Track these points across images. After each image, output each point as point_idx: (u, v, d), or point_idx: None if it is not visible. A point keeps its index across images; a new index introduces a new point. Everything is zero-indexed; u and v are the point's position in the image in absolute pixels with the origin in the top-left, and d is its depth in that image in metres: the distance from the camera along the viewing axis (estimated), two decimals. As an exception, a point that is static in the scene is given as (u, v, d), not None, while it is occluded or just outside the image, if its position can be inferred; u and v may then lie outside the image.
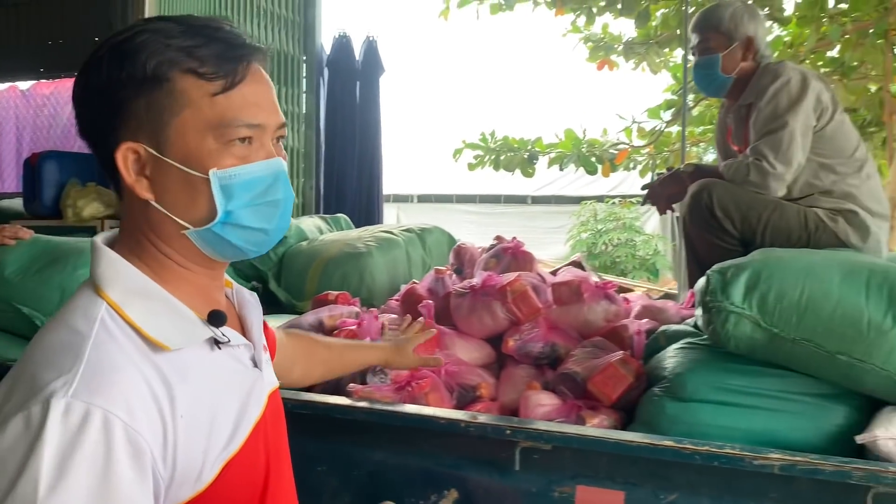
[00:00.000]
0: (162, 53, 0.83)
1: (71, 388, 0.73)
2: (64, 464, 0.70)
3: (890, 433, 1.39)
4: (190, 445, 0.81)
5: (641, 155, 7.17)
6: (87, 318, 0.81)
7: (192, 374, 0.84)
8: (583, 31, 7.15)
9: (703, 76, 2.48)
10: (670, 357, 1.70)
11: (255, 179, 0.88)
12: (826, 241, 2.13)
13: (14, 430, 0.72)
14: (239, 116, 0.85)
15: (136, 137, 0.85)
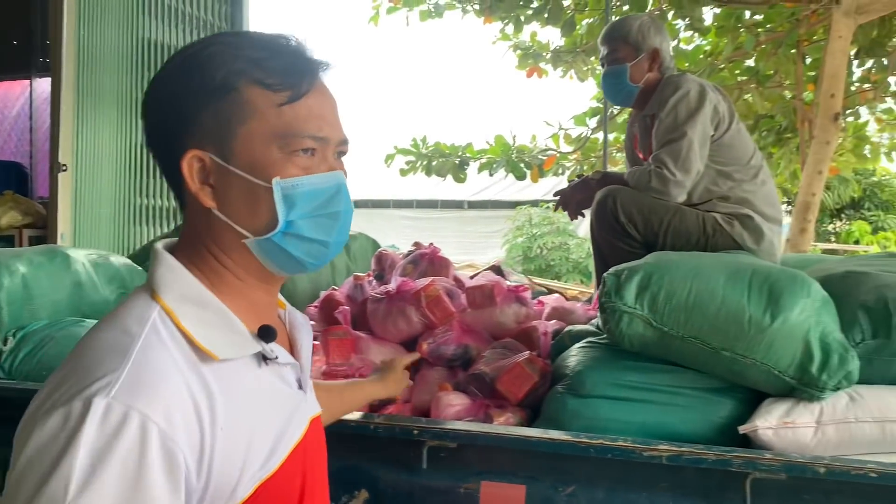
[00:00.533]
0: (231, 64, 0.85)
1: (113, 390, 0.72)
2: (96, 465, 0.70)
3: (768, 423, 1.50)
4: (227, 460, 0.80)
5: (569, 161, 7.33)
6: (139, 320, 0.81)
7: (237, 387, 0.84)
8: (512, 39, 7.28)
9: (611, 85, 2.57)
10: (573, 356, 1.78)
11: (316, 190, 0.88)
12: (723, 243, 2.25)
13: (53, 424, 0.72)
14: (304, 128, 0.86)
15: (203, 146, 0.86)
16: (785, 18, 6.64)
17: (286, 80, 0.86)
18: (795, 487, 1.35)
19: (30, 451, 0.71)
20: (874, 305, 1.62)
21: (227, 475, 0.80)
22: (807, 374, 1.52)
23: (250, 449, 0.83)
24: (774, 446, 1.48)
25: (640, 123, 2.56)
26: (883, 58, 6.58)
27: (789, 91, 7.19)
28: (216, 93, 0.85)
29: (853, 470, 1.30)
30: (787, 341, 1.54)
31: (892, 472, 1.28)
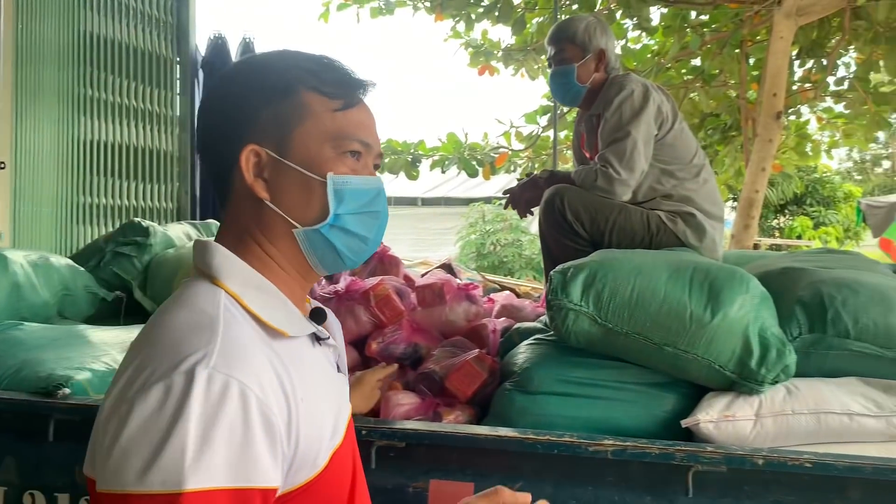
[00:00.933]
0: (291, 71, 0.94)
1: (211, 361, 0.76)
2: (207, 432, 0.73)
3: (709, 417, 1.53)
4: (309, 429, 0.85)
5: (520, 158, 7.39)
6: (211, 302, 0.86)
7: (303, 363, 0.90)
8: (463, 37, 7.29)
9: (559, 85, 2.59)
10: (521, 353, 1.80)
11: (362, 190, 0.96)
12: (667, 241, 2.30)
13: (155, 398, 0.75)
14: (355, 132, 0.95)
15: (260, 142, 0.93)
16: (729, 19, 6.79)
17: (340, 91, 0.95)
18: (736, 479, 1.39)
19: (133, 425, 0.74)
20: (810, 301, 1.68)
21: (311, 443, 0.86)
22: (746, 369, 1.56)
23: (323, 420, 0.90)
24: (715, 439, 1.52)
25: (586, 123, 2.60)
26: (822, 58, 6.78)
27: (734, 90, 7.35)
28: (277, 95, 0.93)
29: (790, 461, 1.34)
30: (727, 336, 1.58)
31: (827, 462, 1.32)
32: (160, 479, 0.72)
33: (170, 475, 0.72)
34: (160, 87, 4.61)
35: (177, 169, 4.73)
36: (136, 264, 2.75)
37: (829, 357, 1.63)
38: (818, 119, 8.03)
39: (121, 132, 4.27)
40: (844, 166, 26.00)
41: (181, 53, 4.84)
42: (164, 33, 4.68)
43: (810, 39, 6.64)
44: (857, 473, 1.32)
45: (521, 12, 6.77)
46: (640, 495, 1.44)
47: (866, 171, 27.64)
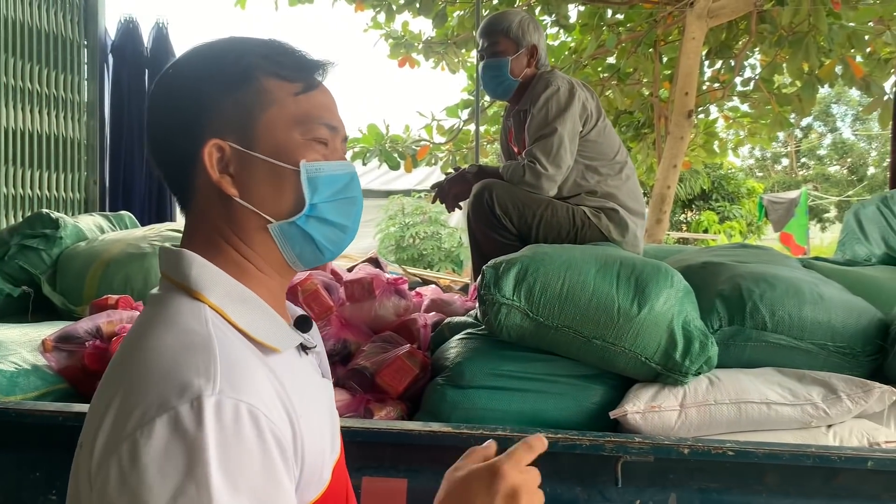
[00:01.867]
0: (246, 57, 0.88)
1: (216, 386, 0.70)
2: (227, 463, 0.68)
3: (636, 408, 1.58)
4: (312, 445, 0.81)
5: (442, 151, 7.41)
6: (197, 319, 0.79)
7: (294, 378, 0.84)
8: (384, 28, 7.24)
9: (491, 78, 2.58)
10: (452, 347, 1.80)
11: (336, 176, 0.91)
12: (591, 236, 2.35)
13: (161, 435, 0.68)
14: (321, 115, 0.90)
15: (223, 135, 0.86)
16: (644, 19, 6.99)
17: (299, 74, 0.90)
18: (662, 468, 1.43)
19: (142, 465, 0.67)
20: (730, 294, 1.74)
21: (315, 459, 0.82)
22: (671, 360, 1.61)
23: (322, 434, 0.86)
24: (642, 430, 1.56)
25: (514, 118, 2.62)
26: (730, 59, 7.07)
27: (647, 88, 7.58)
28: (235, 83, 0.87)
29: (714, 449, 1.39)
30: (653, 329, 1.63)
31: (748, 450, 1.38)
32: None
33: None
34: (66, 71, 4.37)
35: (84, 157, 4.50)
36: (45, 258, 2.60)
37: (748, 348, 1.70)
38: (725, 118, 8.37)
39: (23, 118, 4.03)
40: (747, 163, 27.26)
41: (89, 37, 4.60)
42: (70, 15, 4.43)
43: (719, 41, 6.91)
44: (775, 460, 1.38)
45: (442, 5, 6.78)
46: (571, 487, 1.47)
47: (767, 168, 29.06)
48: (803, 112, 6.82)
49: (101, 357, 1.83)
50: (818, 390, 1.56)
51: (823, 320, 1.69)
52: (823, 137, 28.90)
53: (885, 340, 1.71)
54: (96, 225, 3.00)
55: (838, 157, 28.35)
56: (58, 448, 1.50)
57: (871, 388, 1.54)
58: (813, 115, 18.94)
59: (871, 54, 6.36)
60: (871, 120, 24.53)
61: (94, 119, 4.55)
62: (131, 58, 4.73)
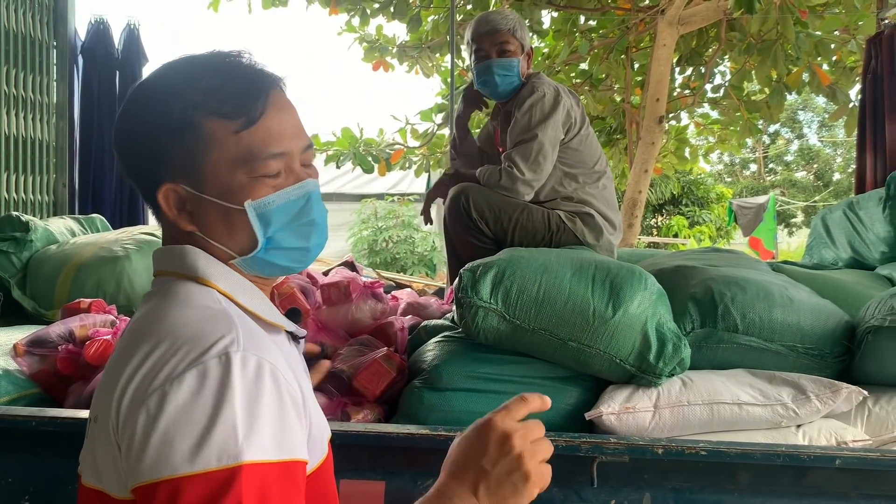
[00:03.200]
0: (187, 97, 0.88)
1: (241, 343, 0.78)
2: (252, 410, 0.75)
3: (611, 409, 1.60)
4: (314, 415, 0.88)
5: (416, 155, 7.41)
6: (210, 299, 0.86)
7: (292, 357, 0.93)
8: (358, 32, 7.24)
9: (501, 77, 2.50)
10: (429, 350, 1.81)
11: (288, 204, 0.92)
12: (566, 239, 2.37)
13: (189, 385, 0.75)
14: (265, 148, 0.89)
15: (174, 178, 0.89)
16: (616, 25, 7.07)
17: (240, 106, 0.88)
18: (637, 468, 1.45)
19: (171, 412, 0.74)
20: (702, 297, 1.77)
21: (319, 427, 0.90)
22: (645, 362, 1.63)
23: (317, 410, 0.92)
24: (617, 430, 1.58)
25: (502, 118, 2.59)
26: (701, 66, 7.18)
27: (619, 94, 7.67)
28: (177, 129, 0.88)
29: (687, 449, 1.41)
30: (628, 331, 1.65)
31: (721, 450, 1.40)
32: (215, 456, 0.72)
33: (225, 451, 0.72)
34: (34, 72, 4.30)
35: (53, 160, 4.44)
36: (15, 261, 2.57)
37: (720, 350, 1.73)
38: (696, 125, 8.49)
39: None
40: (716, 169, 27.63)
41: (58, 37, 4.54)
42: (39, 15, 4.37)
43: (690, 48, 7.02)
44: (747, 459, 1.41)
45: (416, 9, 6.79)
46: (547, 487, 1.48)
47: (736, 173, 29.48)
48: (772, 119, 6.95)
49: (73, 361, 1.81)
50: (788, 391, 1.59)
51: (793, 323, 1.73)
52: (790, 143, 29.41)
53: (851, 342, 1.75)
54: (67, 228, 2.96)
55: (805, 162, 28.85)
56: (31, 454, 1.48)
57: (838, 388, 1.58)
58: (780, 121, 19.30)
59: (837, 62, 6.50)
60: (836, 127, 25.01)
61: (64, 121, 4.49)
62: (102, 59, 4.68)
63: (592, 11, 6.86)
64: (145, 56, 4.85)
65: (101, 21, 4.76)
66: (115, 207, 4.60)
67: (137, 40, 4.83)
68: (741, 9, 4.57)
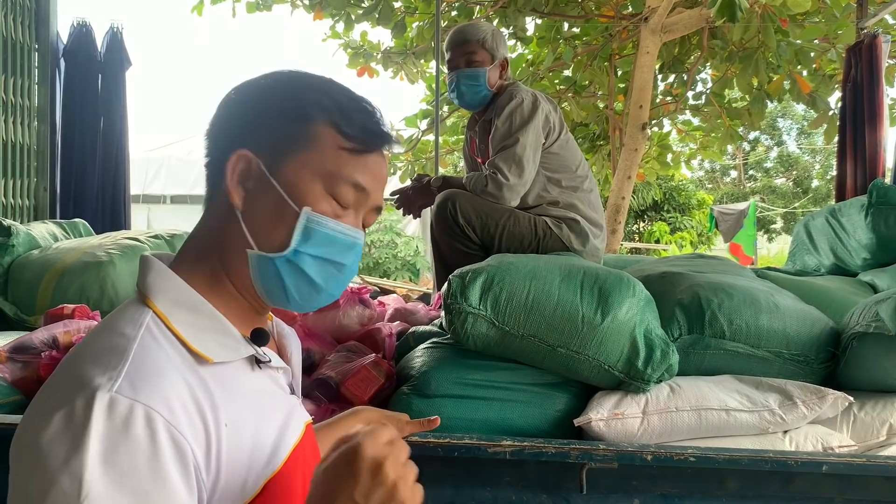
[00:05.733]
0: (320, 99, 0.90)
1: (115, 385, 0.72)
2: (108, 460, 0.69)
3: (600, 415, 1.60)
4: (234, 457, 0.80)
5: (401, 161, 7.41)
6: (132, 323, 0.81)
7: (235, 388, 0.85)
8: (342, 37, 7.23)
9: (469, 87, 2.57)
10: (418, 357, 1.80)
11: (335, 236, 0.90)
12: (553, 245, 2.38)
13: (56, 425, 0.70)
14: (354, 176, 0.90)
15: (256, 151, 0.89)
16: (599, 33, 7.13)
17: (360, 135, 0.90)
18: (625, 474, 1.46)
19: (31, 455, 0.70)
20: (689, 303, 1.78)
21: (236, 472, 0.81)
22: (633, 368, 1.64)
23: (255, 447, 0.85)
24: (605, 436, 1.59)
25: (479, 127, 2.64)
26: (683, 73, 7.25)
27: (602, 101, 7.72)
28: (294, 115, 0.89)
29: (676, 455, 1.42)
30: (616, 338, 1.65)
31: (709, 456, 1.41)
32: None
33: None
34: (16, 75, 4.26)
35: (35, 163, 4.39)
36: (-5, 266, 2.53)
37: (707, 356, 1.74)
38: (678, 131, 8.56)
39: (-30, 122, 3.92)
40: (697, 175, 27.87)
41: (40, 40, 4.50)
42: (20, 17, 4.33)
43: (672, 55, 7.08)
44: (735, 465, 1.42)
45: (401, 16, 6.80)
46: (537, 494, 1.49)
47: (717, 180, 29.75)
48: (753, 126, 7.03)
49: (57, 368, 1.78)
50: (775, 397, 1.60)
51: (779, 329, 1.74)
52: (770, 150, 29.74)
53: (836, 348, 1.77)
54: (49, 233, 2.92)
55: (784, 169, 29.18)
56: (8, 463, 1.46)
57: (825, 394, 1.59)
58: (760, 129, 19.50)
59: (817, 71, 6.58)
60: (815, 134, 25.35)
61: (45, 124, 4.45)
62: (84, 62, 4.64)
63: (576, 19, 6.91)
64: (128, 59, 4.81)
65: (84, 24, 4.72)
66: (98, 212, 4.55)
67: (120, 43, 4.78)
68: (723, 17, 4.62)
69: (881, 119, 4.23)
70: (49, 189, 4.41)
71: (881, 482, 1.43)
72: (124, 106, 4.77)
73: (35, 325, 2.18)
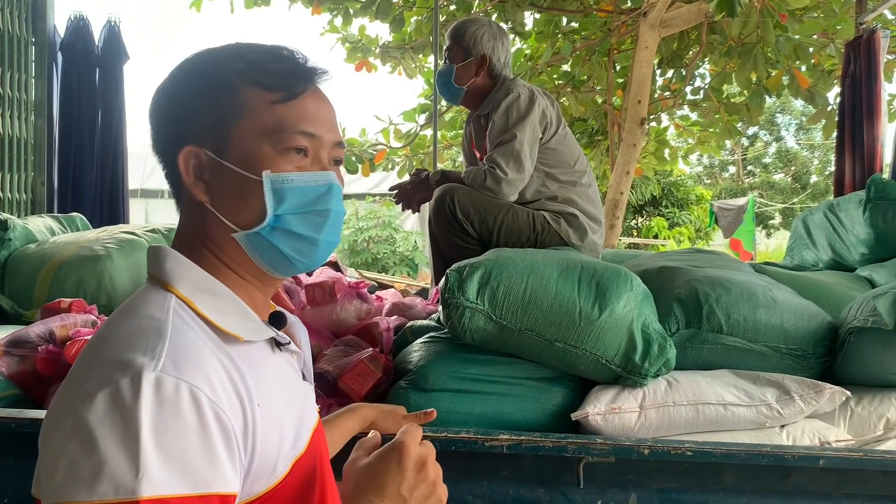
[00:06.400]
0: (232, 65, 0.89)
1: (160, 364, 0.72)
2: (160, 438, 0.69)
3: (597, 409, 1.60)
4: (267, 435, 0.81)
5: (399, 156, 7.40)
6: (159, 307, 0.82)
7: (261, 368, 0.85)
8: (340, 32, 7.21)
9: (440, 83, 2.66)
10: (415, 351, 1.80)
11: (307, 187, 0.90)
12: (551, 240, 2.38)
13: (100, 406, 0.70)
14: (296, 124, 0.89)
15: (200, 142, 0.88)
16: (598, 27, 7.11)
17: (283, 81, 0.89)
18: (622, 469, 1.45)
19: (79, 435, 0.69)
20: (687, 298, 1.78)
21: (269, 451, 0.82)
22: (631, 363, 1.64)
23: (283, 427, 0.86)
24: (603, 431, 1.59)
25: (474, 123, 2.65)
26: (681, 68, 7.23)
27: (601, 96, 7.70)
28: (216, 92, 0.88)
29: (673, 449, 1.42)
30: (614, 332, 1.65)
31: (706, 450, 1.41)
32: (112, 488, 0.67)
33: (122, 483, 0.67)
34: (12, 69, 4.24)
35: (31, 157, 4.37)
36: (-8, 260, 2.52)
37: (704, 350, 1.74)
38: (676, 126, 8.55)
39: (-34, 116, 3.91)
40: (696, 170, 27.86)
41: (37, 34, 4.48)
42: (17, 11, 4.31)
43: (671, 50, 7.06)
44: (732, 459, 1.42)
45: (399, 10, 6.78)
46: (534, 488, 1.48)
47: (715, 175, 29.74)
48: (751, 121, 7.02)
49: (54, 362, 1.78)
50: (772, 391, 1.60)
51: (776, 323, 1.74)
52: (768, 146, 29.73)
53: (834, 343, 1.77)
54: (46, 227, 2.92)
55: (783, 165, 29.18)
56: (9, 455, 1.46)
57: (822, 388, 1.59)
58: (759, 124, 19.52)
59: (816, 66, 6.58)
60: (813, 129, 25.34)
61: (42, 118, 4.43)
62: (81, 56, 4.61)
63: (575, 13, 6.89)
64: (126, 53, 4.79)
65: (81, 17, 4.70)
66: (95, 206, 4.54)
67: (118, 37, 4.76)
68: (722, 12, 4.61)
69: (879, 114, 4.22)
70: (46, 183, 4.40)
71: (878, 476, 1.43)
72: (122, 100, 4.75)
73: (32, 320, 2.18)
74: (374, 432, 0.95)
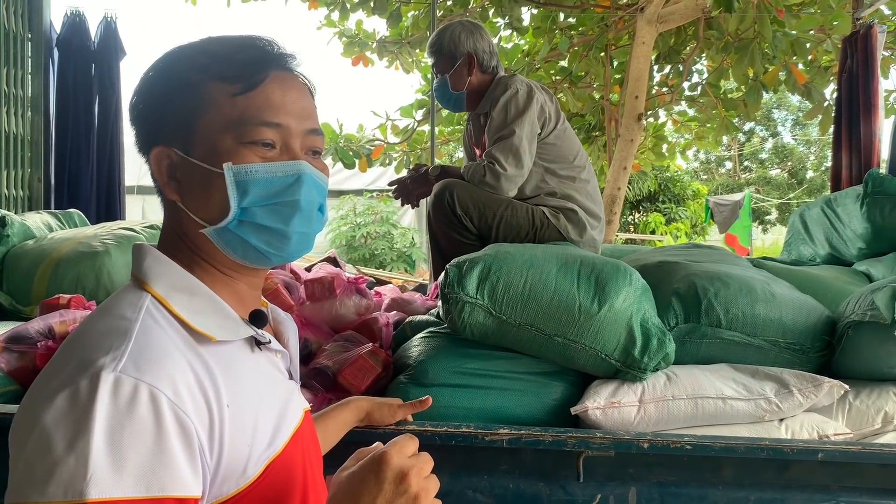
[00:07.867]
0: (195, 61, 0.88)
1: (119, 365, 0.72)
2: (114, 439, 0.69)
3: (597, 403, 1.60)
4: (236, 437, 0.80)
5: (396, 151, 7.39)
6: (132, 306, 0.82)
7: (236, 369, 0.85)
8: (337, 26, 7.19)
9: (439, 96, 2.69)
10: (415, 346, 1.81)
11: (272, 178, 0.88)
12: (550, 235, 2.38)
13: (60, 405, 0.70)
14: (257, 115, 0.87)
15: (169, 142, 0.88)
16: (595, 23, 7.09)
17: (243, 71, 0.88)
18: (622, 463, 1.46)
19: (36, 437, 0.70)
20: (685, 292, 1.79)
21: (238, 453, 0.81)
22: (630, 357, 1.64)
23: (256, 428, 0.84)
24: (602, 425, 1.59)
25: (473, 121, 2.65)
26: (679, 64, 7.22)
27: (598, 92, 7.69)
28: (181, 90, 0.88)
29: (672, 443, 1.43)
30: (613, 327, 1.66)
31: (705, 444, 1.42)
32: (62, 490, 0.67)
33: (71, 485, 0.67)
34: (8, 65, 4.22)
35: (28, 154, 4.36)
36: (-11, 257, 2.52)
37: (703, 345, 1.75)
38: (674, 122, 8.55)
39: (-38, 112, 3.89)
40: (692, 166, 27.88)
41: (33, 30, 4.46)
42: (13, 7, 4.29)
43: (668, 46, 7.06)
44: (731, 453, 1.42)
45: (396, 4, 6.77)
46: (534, 482, 1.49)
47: (712, 171, 29.77)
48: (748, 117, 7.02)
49: (53, 358, 1.78)
50: (771, 385, 1.61)
51: (775, 318, 1.75)
52: (765, 142, 29.76)
53: (832, 337, 1.78)
54: (44, 223, 2.91)
55: (779, 160, 29.21)
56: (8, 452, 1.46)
57: (820, 382, 1.60)
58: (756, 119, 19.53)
59: (813, 62, 6.58)
60: (809, 125, 25.37)
61: (39, 114, 4.42)
62: (78, 52, 4.60)
63: (572, 9, 6.88)
64: (123, 49, 4.77)
65: (77, 13, 4.68)
66: (93, 202, 4.53)
67: (115, 33, 4.75)
68: (720, 7, 4.61)
69: (876, 109, 4.23)
70: (43, 179, 4.39)
71: (876, 470, 1.43)
72: (119, 96, 4.74)
73: (31, 316, 2.18)
74: (377, 443, 0.92)
